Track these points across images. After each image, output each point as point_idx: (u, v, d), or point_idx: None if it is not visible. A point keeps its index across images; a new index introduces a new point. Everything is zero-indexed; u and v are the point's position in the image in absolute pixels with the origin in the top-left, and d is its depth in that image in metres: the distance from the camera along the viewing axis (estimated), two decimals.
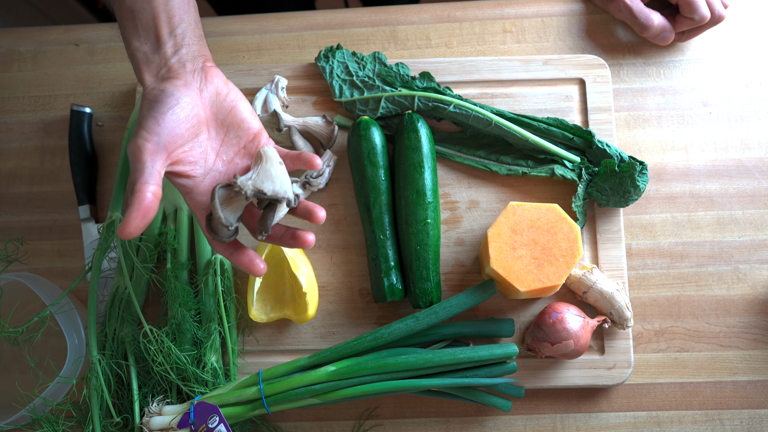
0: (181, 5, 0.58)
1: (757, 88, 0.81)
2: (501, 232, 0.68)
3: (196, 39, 0.59)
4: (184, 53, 0.58)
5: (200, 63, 0.58)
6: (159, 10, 0.57)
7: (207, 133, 0.58)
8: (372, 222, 0.74)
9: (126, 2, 0.57)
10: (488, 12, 0.86)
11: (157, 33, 0.57)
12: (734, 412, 0.73)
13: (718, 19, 0.79)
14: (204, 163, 0.58)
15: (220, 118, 0.59)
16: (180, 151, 0.56)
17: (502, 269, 0.67)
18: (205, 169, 0.58)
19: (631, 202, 0.73)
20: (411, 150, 0.75)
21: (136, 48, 0.58)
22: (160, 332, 0.70)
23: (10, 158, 0.84)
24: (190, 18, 0.59)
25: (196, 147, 0.57)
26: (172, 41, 0.57)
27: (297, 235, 0.58)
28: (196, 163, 0.57)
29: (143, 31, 0.57)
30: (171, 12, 0.57)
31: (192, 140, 0.57)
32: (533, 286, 0.67)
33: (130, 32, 0.58)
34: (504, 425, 0.74)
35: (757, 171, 0.79)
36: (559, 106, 0.80)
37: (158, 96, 0.55)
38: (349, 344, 0.70)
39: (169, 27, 0.57)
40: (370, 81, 0.79)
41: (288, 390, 0.67)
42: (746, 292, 0.76)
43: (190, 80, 0.57)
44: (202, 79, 0.58)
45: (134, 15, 0.57)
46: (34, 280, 0.73)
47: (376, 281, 0.74)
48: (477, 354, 0.68)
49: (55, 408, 0.71)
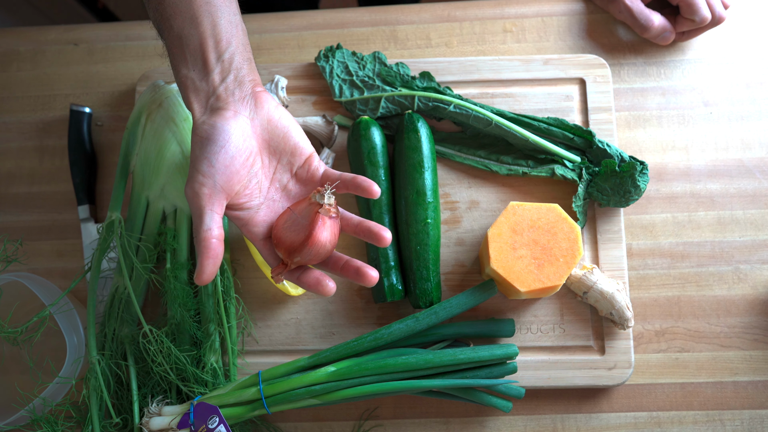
0: (229, 28, 0.57)
1: (757, 88, 0.81)
2: (501, 232, 0.68)
3: (245, 63, 0.58)
4: (232, 79, 0.56)
5: (249, 89, 0.57)
6: (206, 35, 0.56)
7: (261, 162, 0.57)
8: None
9: (174, 30, 0.56)
10: (488, 12, 0.86)
11: (205, 59, 0.56)
12: (735, 412, 0.73)
13: (719, 20, 0.79)
14: (259, 193, 0.57)
15: (273, 146, 0.58)
16: (237, 188, 0.55)
17: (503, 269, 0.67)
18: (260, 199, 0.57)
19: (632, 202, 0.73)
20: (411, 150, 0.75)
21: (185, 75, 0.56)
22: (159, 332, 0.70)
23: (9, 158, 0.84)
24: (237, 41, 0.57)
25: (252, 179, 0.56)
26: (220, 67, 0.56)
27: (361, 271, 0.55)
28: (252, 195, 0.56)
29: (191, 58, 0.56)
30: (218, 36, 0.56)
31: (247, 175, 0.56)
32: (534, 286, 0.66)
33: (179, 60, 0.57)
34: (504, 426, 0.74)
35: (757, 171, 0.79)
36: (559, 105, 0.79)
37: (209, 132, 0.54)
38: (349, 344, 0.70)
39: (217, 52, 0.56)
40: (370, 81, 0.79)
41: (288, 390, 0.67)
42: (747, 293, 0.76)
43: (240, 109, 0.56)
44: (252, 107, 0.57)
45: (182, 42, 0.56)
46: (33, 280, 0.73)
47: None
48: (477, 354, 0.68)
49: (55, 408, 0.71)
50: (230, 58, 0.56)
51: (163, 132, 0.73)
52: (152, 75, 0.82)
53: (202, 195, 0.53)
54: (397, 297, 0.73)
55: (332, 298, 0.76)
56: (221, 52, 0.56)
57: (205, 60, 0.56)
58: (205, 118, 0.55)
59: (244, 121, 0.56)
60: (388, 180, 0.76)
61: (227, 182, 0.54)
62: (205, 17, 0.56)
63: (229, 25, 0.57)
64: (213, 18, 0.56)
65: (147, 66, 0.86)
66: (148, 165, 0.74)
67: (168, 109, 0.73)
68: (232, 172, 0.54)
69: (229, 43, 0.57)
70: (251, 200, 0.57)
